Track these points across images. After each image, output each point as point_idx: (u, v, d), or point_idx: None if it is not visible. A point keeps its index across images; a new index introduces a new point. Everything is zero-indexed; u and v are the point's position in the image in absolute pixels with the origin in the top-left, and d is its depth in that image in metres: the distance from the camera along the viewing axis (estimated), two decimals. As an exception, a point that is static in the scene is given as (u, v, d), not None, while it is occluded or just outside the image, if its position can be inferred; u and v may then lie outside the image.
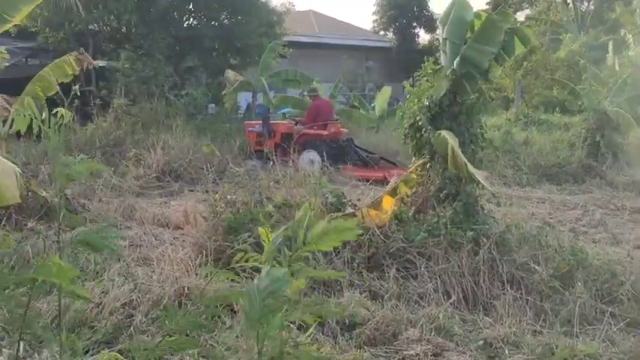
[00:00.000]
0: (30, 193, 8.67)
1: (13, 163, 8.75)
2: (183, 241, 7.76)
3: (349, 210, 7.07)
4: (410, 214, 6.77)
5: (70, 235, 3.66)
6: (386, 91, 20.52)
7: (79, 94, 14.01)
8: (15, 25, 20.81)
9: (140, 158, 13.04)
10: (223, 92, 21.19)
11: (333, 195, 7.29)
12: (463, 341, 5.28)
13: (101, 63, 20.52)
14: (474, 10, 6.95)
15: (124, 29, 21.89)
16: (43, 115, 4.74)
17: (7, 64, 17.35)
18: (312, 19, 38.40)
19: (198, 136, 15.60)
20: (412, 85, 7.56)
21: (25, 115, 7.39)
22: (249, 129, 15.71)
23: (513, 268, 6.21)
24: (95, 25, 21.38)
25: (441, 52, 7.05)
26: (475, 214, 6.66)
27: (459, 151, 6.11)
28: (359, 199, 7.75)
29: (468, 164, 6.06)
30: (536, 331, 5.46)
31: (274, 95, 20.53)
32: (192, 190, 12.06)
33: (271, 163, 12.38)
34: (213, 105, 23.01)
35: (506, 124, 19.67)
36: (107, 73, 19.85)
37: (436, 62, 7.09)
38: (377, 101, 20.90)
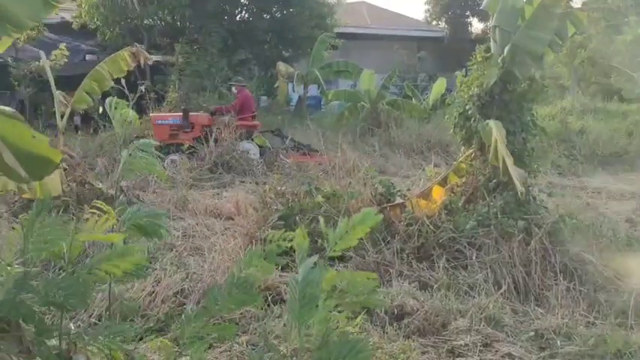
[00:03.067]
0: (87, 185, 8.89)
1: (70, 156, 9.05)
2: (235, 231, 7.84)
3: (399, 200, 7.03)
4: (460, 203, 6.70)
5: (123, 219, 3.76)
6: (441, 83, 20.36)
7: (143, 91, 14.45)
8: (76, 23, 21.50)
9: (193, 151, 13.25)
10: (275, 85, 21.36)
11: (383, 185, 7.26)
12: (513, 332, 5.21)
13: (155, 57, 20.93)
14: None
15: (178, 23, 22.19)
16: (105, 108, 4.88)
17: (66, 60, 17.95)
18: (364, 11, 38.16)
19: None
20: (465, 76, 7.46)
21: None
22: (158, 122, 14.19)
23: (566, 259, 6.10)
24: (150, 20, 21.73)
25: (491, 40, 6.94)
26: (526, 203, 6.55)
27: (501, 145, 6.01)
28: (409, 189, 7.70)
29: (508, 159, 5.96)
30: (589, 323, 5.36)
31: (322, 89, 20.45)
32: (243, 182, 12.19)
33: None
34: (265, 97, 23.19)
35: (561, 112, 19.26)
36: (162, 67, 20.19)
37: (487, 50, 6.99)
38: (432, 92, 20.75)
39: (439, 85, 20.37)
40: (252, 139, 13.91)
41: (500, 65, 6.65)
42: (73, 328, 3.44)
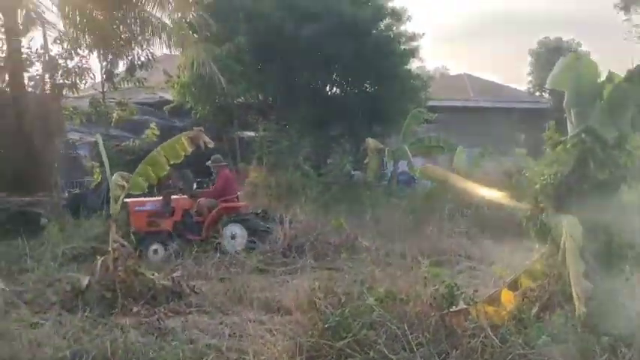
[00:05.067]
0: (139, 276, 8.46)
1: (121, 245, 8.67)
2: (285, 333, 7.11)
3: (462, 305, 6.09)
4: (532, 312, 5.70)
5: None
6: (545, 158, 19.13)
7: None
8: (169, 103, 21.95)
9: (268, 232, 12.75)
10: (365, 161, 20.84)
11: (445, 285, 6.35)
12: None
13: (243, 134, 20.98)
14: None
15: (269, 100, 22.25)
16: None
17: (156, 139, 18.11)
18: (466, 83, 37.52)
19: (334, 207, 15.16)
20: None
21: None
22: (137, 208, 12.77)
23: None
24: (241, 98, 21.88)
25: (567, 121, 6.01)
26: (614, 314, 5.47)
27: (571, 248, 5.04)
28: (476, 290, 6.74)
29: (575, 266, 4.98)
30: None
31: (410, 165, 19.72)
32: (315, 268, 11.50)
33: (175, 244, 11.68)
34: (359, 172, 22.66)
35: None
36: (252, 144, 20.16)
37: (558, 127, 6.07)
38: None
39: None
40: (240, 222, 12.97)
41: (576, 150, 5.69)
42: None
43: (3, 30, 16.50)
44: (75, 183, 19.53)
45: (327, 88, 23.24)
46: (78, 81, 19.49)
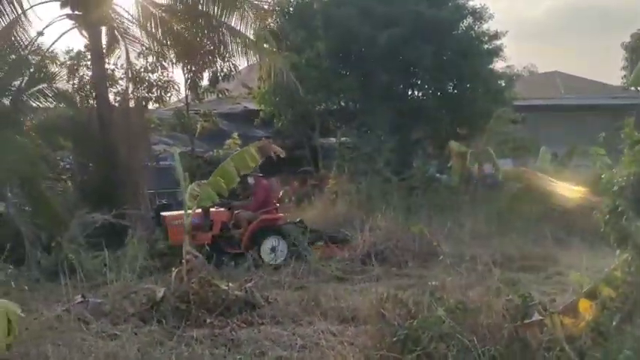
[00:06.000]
0: (212, 287, 8.50)
1: (194, 256, 8.72)
2: (357, 346, 6.95)
3: (536, 317, 5.76)
4: (613, 324, 5.32)
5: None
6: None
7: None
8: (252, 113, 22.22)
9: (347, 240, 12.64)
10: (448, 164, 20.42)
11: (519, 296, 6.03)
12: None
13: (323, 141, 20.96)
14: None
15: (349, 106, 22.16)
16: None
17: (239, 148, 18.34)
18: (557, 81, 36.30)
19: (416, 212, 14.90)
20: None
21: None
22: (175, 222, 12.38)
23: None
24: (322, 104, 21.88)
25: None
26: None
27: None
28: (553, 300, 6.38)
29: None
30: None
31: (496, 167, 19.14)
32: (398, 275, 11.30)
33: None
34: (445, 176, 22.24)
35: None
36: (333, 151, 20.12)
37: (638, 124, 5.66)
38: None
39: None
40: (280, 234, 12.75)
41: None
42: None
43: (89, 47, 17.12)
44: (162, 194, 20.00)
45: (408, 92, 22.92)
46: (163, 94, 20.05)
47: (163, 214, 13.33)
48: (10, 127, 14.24)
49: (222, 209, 13.07)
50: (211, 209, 12.63)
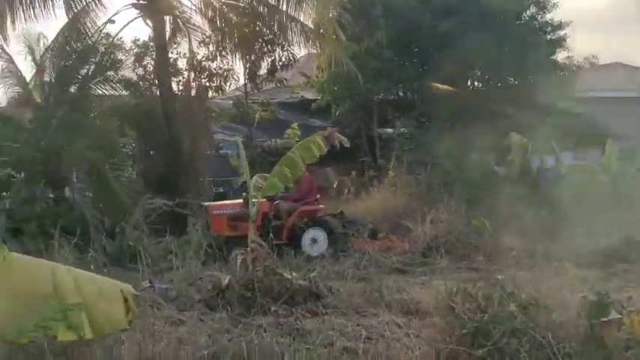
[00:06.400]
0: (276, 276, 8.55)
1: (259, 245, 8.77)
2: (425, 336, 6.89)
3: (614, 315, 5.62)
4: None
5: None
6: None
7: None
8: (311, 103, 22.30)
9: (407, 232, 12.56)
10: (508, 157, 20.11)
11: (595, 292, 5.89)
12: None
13: (382, 132, 20.84)
14: None
15: (408, 96, 22.00)
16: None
17: (297, 139, 18.42)
18: (619, 72, 35.30)
19: (476, 205, 14.70)
20: None
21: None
22: (216, 212, 12.82)
23: None
24: (381, 94, 21.76)
25: None
26: None
27: None
28: (630, 297, 6.21)
29: None
30: None
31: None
32: (460, 268, 11.17)
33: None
34: (504, 169, 21.90)
35: None
36: (391, 141, 19.99)
37: None
38: None
39: None
40: (320, 225, 12.69)
41: None
42: None
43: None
44: (221, 182, 20.20)
45: (468, 83, 22.61)
46: (222, 83, 20.24)
47: (205, 203, 13.37)
48: (77, 114, 14.54)
49: (263, 199, 12.96)
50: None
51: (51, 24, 15.97)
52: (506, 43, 20.96)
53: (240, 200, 12.81)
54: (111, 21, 16.52)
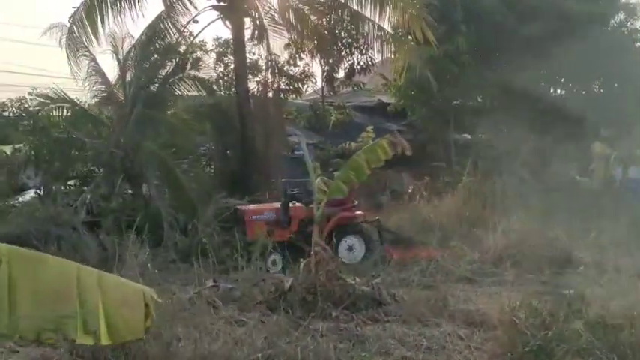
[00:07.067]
0: (339, 280, 8.49)
1: (323, 248, 8.73)
2: (484, 351, 6.70)
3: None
4: None
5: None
6: None
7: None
8: (387, 106, 22.18)
9: (477, 241, 12.27)
10: (590, 167, 19.47)
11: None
12: None
13: (458, 137, 20.50)
14: None
15: (487, 102, 21.57)
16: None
17: (372, 141, 18.32)
18: None
19: (553, 216, 14.24)
20: None
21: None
22: (253, 217, 12.34)
23: None
24: (458, 100, 21.43)
25: None
26: None
27: None
28: None
29: None
30: None
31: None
32: (526, 281, 10.80)
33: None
34: (586, 179, 21.23)
35: None
36: (467, 148, 19.66)
37: None
38: None
39: None
40: (357, 232, 12.21)
41: None
42: None
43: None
44: (296, 184, 20.29)
45: (550, 90, 21.99)
46: (300, 85, 20.39)
47: (239, 207, 13.04)
48: (156, 113, 14.90)
49: (298, 204, 12.63)
50: (290, 205, 12.40)
51: (137, 24, 16.25)
52: (592, 49, 20.27)
53: (277, 205, 12.60)
54: (194, 21, 16.89)
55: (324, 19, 18.14)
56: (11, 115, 18.75)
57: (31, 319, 3.60)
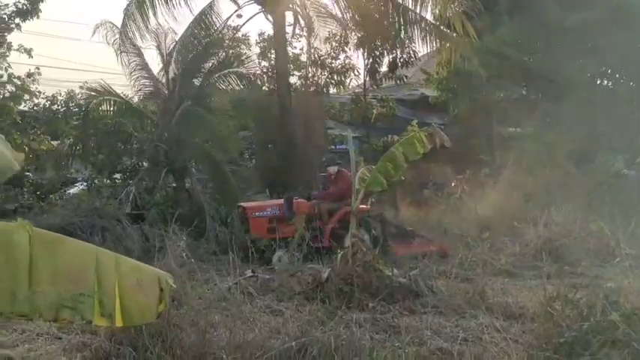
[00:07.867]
0: (376, 272, 8.53)
1: (360, 239, 8.77)
2: (520, 343, 6.66)
3: None
4: None
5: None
6: None
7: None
8: (432, 101, 22.08)
9: (519, 233, 12.17)
10: (637, 160, 19.04)
11: None
12: None
13: (501, 131, 20.27)
14: None
15: (531, 95, 21.27)
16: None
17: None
18: None
19: (598, 209, 14.01)
20: None
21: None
22: (256, 214, 12.04)
23: None
24: (502, 92, 21.18)
25: None
26: None
27: None
28: None
29: None
30: None
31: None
32: (573, 273, 10.68)
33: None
34: (634, 172, 20.78)
35: None
36: (511, 141, 19.43)
37: None
38: None
39: None
40: (362, 226, 11.58)
41: None
42: None
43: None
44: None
45: (597, 81, 21.54)
46: (342, 79, 20.41)
47: (243, 204, 12.81)
48: (199, 107, 15.13)
49: (301, 199, 12.50)
50: (294, 200, 12.25)
51: (179, 20, 16.47)
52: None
53: (280, 201, 12.45)
54: (238, 15, 17.08)
55: (373, 10, 18.08)
56: (60, 109, 19.15)
57: (50, 297, 3.73)
